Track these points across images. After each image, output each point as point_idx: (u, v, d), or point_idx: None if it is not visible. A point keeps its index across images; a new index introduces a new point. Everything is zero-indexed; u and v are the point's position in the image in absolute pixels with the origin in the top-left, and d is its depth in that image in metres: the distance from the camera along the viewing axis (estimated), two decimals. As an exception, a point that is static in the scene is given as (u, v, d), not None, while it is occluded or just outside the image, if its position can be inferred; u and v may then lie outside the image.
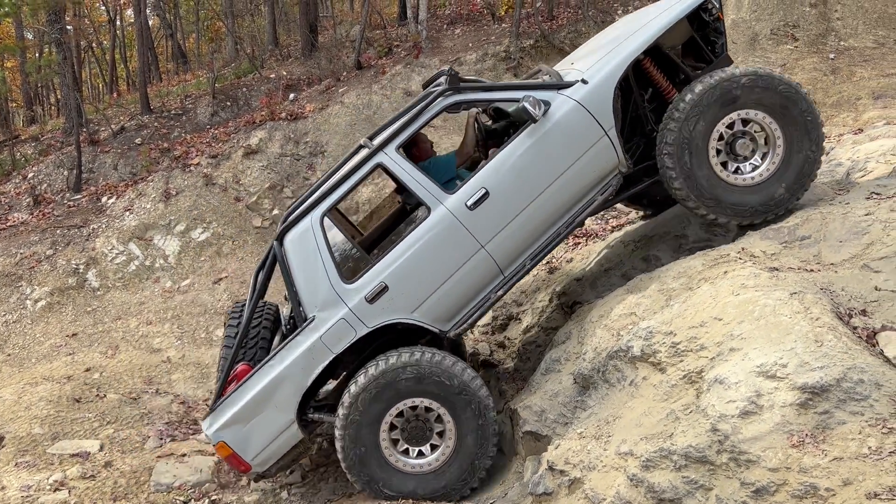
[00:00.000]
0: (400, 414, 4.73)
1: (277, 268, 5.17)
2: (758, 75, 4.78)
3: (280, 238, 4.92)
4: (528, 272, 5.06)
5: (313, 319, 4.78)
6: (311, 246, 4.81)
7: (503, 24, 12.92)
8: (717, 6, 5.29)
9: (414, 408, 4.74)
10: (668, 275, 4.92)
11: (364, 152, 5.04)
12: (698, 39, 5.39)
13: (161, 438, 6.69)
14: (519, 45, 11.71)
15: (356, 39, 13.25)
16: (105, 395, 7.37)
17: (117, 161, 11.95)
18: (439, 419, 4.77)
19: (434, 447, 4.79)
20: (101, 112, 13.80)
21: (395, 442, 4.78)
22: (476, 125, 6.07)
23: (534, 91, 4.88)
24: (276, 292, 7.48)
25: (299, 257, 4.82)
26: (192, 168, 11.30)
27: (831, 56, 9.61)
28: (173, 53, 23.73)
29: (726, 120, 4.80)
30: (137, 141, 12.48)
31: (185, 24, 26.62)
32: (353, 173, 4.93)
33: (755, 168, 4.88)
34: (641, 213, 6.95)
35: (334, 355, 4.78)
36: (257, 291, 5.19)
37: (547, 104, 4.84)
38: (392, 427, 4.75)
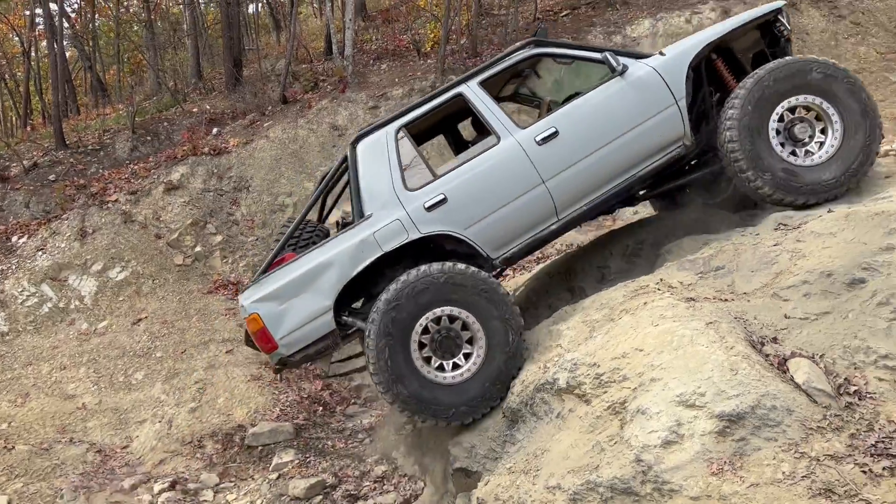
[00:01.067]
0: (436, 320, 4.77)
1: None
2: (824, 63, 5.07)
3: (354, 143, 5.23)
4: (579, 222, 5.29)
5: (370, 216, 5.00)
6: (381, 152, 5.12)
7: (429, 60, 13.10)
8: (788, 29, 5.58)
9: (446, 318, 4.78)
10: (591, 306, 5.01)
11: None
12: (767, 53, 5.64)
13: (75, 491, 6.33)
14: (444, 80, 11.88)
15: (282, 73, 13.17)
16: (13, 447, 6.95)
17: (29, 198, 11.44)
18: (469, 329, 4.82)
19: (467, 356, 4.82)
20: (12, 147, 13.22)
21: (423, 347, 4.78)
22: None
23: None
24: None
25: (368, 161, 5.12)
26: (109, 205, 10.92)
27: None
28: (92, 86, 23.03)
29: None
30: (51, 177, 12.00)
31: (105, 56, 25.93)
32: (433, 98, 5.30)
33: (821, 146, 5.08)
34: (658, 209, 7.12)
35: (383, 252, 4.93)
36: (319, 189, 5.56)
37: (625, 67, 5.16)
38: (425, 331, 4.77)
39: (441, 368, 4.80)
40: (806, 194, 5.04)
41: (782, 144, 5.08)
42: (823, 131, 5.08)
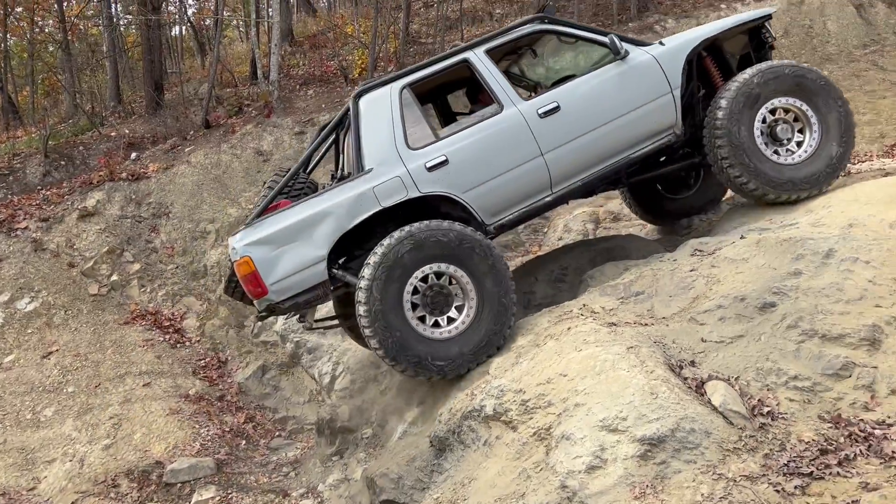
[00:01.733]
0: (424, 279, 4.79)
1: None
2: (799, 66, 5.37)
3: (357, 96, 5.20)
4: (569, 198, 5.44)
5: (370, 170, 5.01)
6: (385, 108, 5.14)
7: (356, 86, 13.12)
8: (773, 36, 5.88)
9: (438, 275, 4.82)
10: (516, 332, 5.05)
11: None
12: (752, 57, 5.90)
13: (-27, 540, 5.89)
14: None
15: (205, 98, 12.91)
16: None
17: (-71, 225, 10.76)
18: (460, 286, 4.86)
19: (459, 310, 4.86)
20: (-90, 171, 12.42)
21: (415, 306, 4.79)
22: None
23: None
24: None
25: (371, 116, 5.12)
26: (18, 233, 10.38)
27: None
28: (3, 108, 21.99)
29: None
30: (-46, 203, 11.33)
31: (17, 76, 24.84)
32: (438, 62, 5.33)
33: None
34: (648, 223, 7.30)
35: (381, 208, 4.93)
36: (318, 140, 5.55)
37: (627, 52, 5.33)
38: (415, 291, 4.79)
39: (436, 325, 4.83)
40: (788, 190, 5.26)
41: (766, 143, 5.31)
42: (802, 132, 5.35)
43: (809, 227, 4.81)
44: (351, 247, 5.17)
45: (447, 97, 6.73)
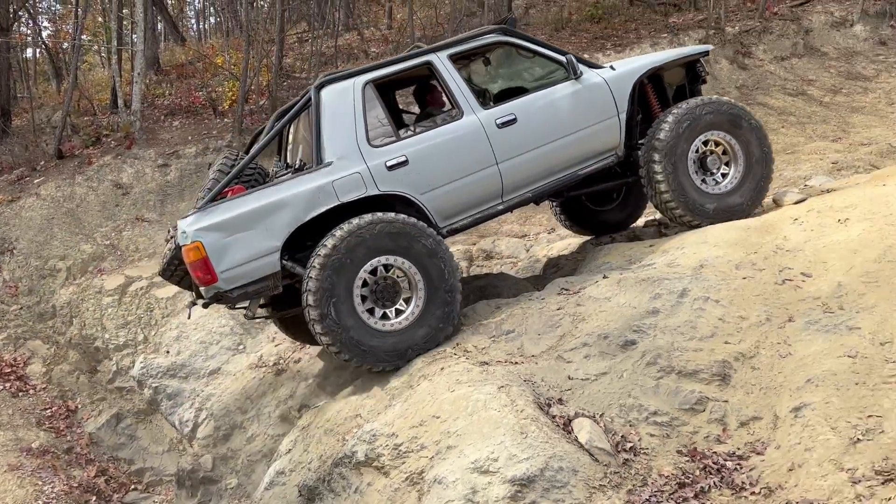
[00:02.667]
0: (373, 272, 4.81)
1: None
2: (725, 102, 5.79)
3: (319, 87, 5.14)
4: (516, 207, 5.57)
5: (331, 164, 4.99)
6: (347, 103, 5.11)
7: (226, 119, 12.70)
8: (706, 72, 6.29)
9: (387, 267, 4.84)
10: (391, 373, 4.98)
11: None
12: (687, 89, 6.24)
13: None
14: (242, 140, 11.55)
15: (58, 125, 12.06)
16: None
17: None
18: (408, 278, 4.90)
19: (407, 302, 4.90)
20: None
21: (364, 299, 4.80)
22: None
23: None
24: None
25: (333, 108, 5.09)
26: None
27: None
28: None
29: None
30: None
31: None
32: (402, 62, 5.41)
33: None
34: (586, 236, 7.43)
35: (339, 203, 4.91)
36: (271, 134, 5.40)
37: (581, 73, 5.57)
38: (364, 283, 4.80)
39: (385, 317, 4.85)
40: (710, 218, 5.62)
41: (696, 171, 5.67)
42: (728, 164, 5.76)
43: (665, 267, 5.10)
44: (299, 239, 5.04)
45: (394, 96, 6.67)
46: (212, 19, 28.95)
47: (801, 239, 4.94)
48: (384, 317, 4.87)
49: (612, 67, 5.85)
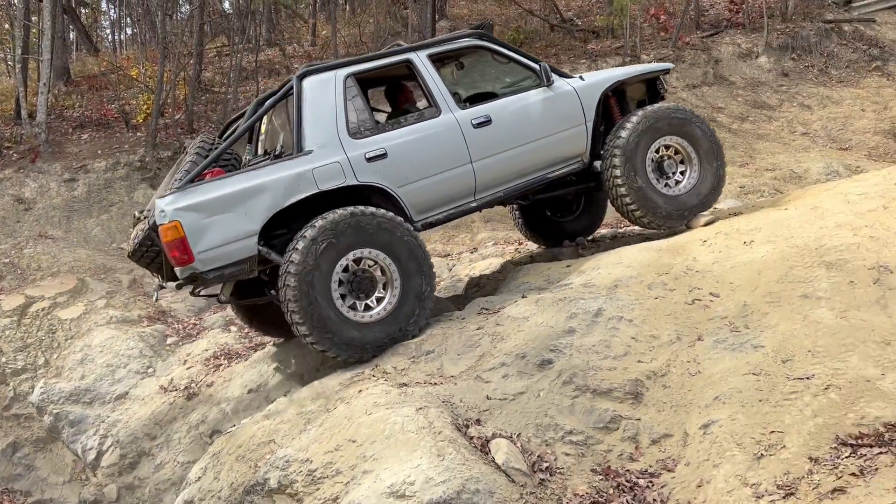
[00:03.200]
0: (351, 263, 4.90)
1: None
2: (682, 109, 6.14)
3: (301, 77, 5.21)
4: (488, 206, 5.77)
5: (311, 152, 5.06)
6: (329, 93, 5.20)
7: (139, 133, 12.26)
8: (665, 89, 6.64)
9: (362, 260, 4.94)
10: (306, 397, 4.86)
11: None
12: (647, 104, 6.41)
13: None
14: (156, 155, 11.18)
15: (-45, 136, 11.38)
16: None
17: None
18: (385, 272, 5.00)
19: (380, 299, 4.99)
20: None
21: (342, 289, 4.88)
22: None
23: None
24: None
25: (315, 99, 5.16)
26: None
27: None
28: None
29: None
30: None
31: None
32: (384, 57, 5.58)
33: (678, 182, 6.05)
34: (543, 245, 7.55)
35: (318, 190, 4.98)
36: (252, 119, 5.43)
37: (553, 81, 5.80)
38: (343, 274, 4.87)
39: (357, 308, 4.94)
40: (668, 219, 5.93)
41: (654, 173, 5.93)
42: (683, 167, 6.04)
43: (582, 287, 5.18)
44: (275, 226, 5.05)
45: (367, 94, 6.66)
46: (128, 30, 28.06)
47: (710, 260, 5.12)
48: (358, 308, 4.95)
49: (581, 78, 6.15)
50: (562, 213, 7.29)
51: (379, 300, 5.00)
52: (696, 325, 4.53)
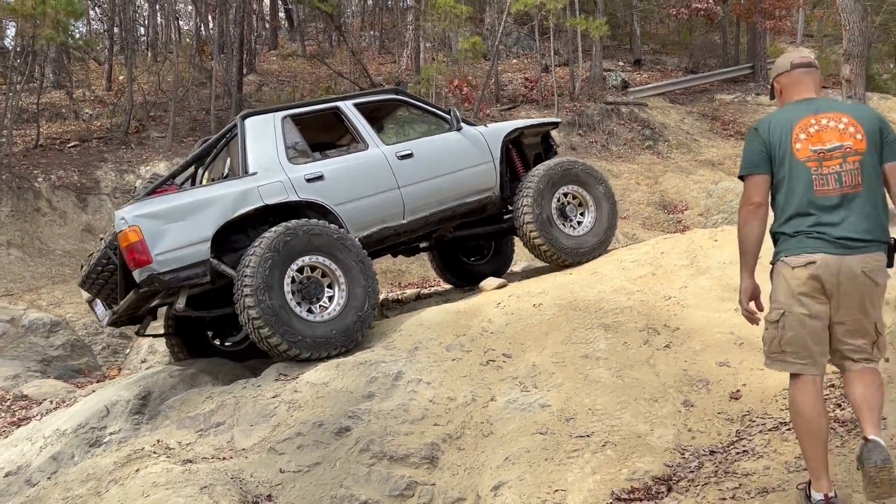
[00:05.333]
0: (300, 270, 5.40)
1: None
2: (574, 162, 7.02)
3: (244, 117, 5.93)
4: (420, 230, 6.43)
5: (255, 174, 5.68)
6: (269, 128, 5.91)
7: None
8: (556, 144, 7.59)
9: (311, 268, 5.45)
10: (74, 479, 4.33)
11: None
12: (543, 156, 7.29)
13: None
14: None
15: None
16: None
17: None
18: (333, 276, 5.52)
19: (330, 299, 5.50)
20: None
21: (293, 292, 5.36)
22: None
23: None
24: None
25: (256, 133, 5.86)
26: None
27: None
28: None
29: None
30: None
31: None
32: (316, 104, 6.47)
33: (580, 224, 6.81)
34: (447, 283, 8.21)
35: (263, 204, 5.57)
36: (194, 154, 6.30)
37: (462, 126, 6.68)
38: (293, 280, 5.37)
39: (311, 311, 5.40)
40: (575, 255, 6.57)
41: (559, 219, 6.67)
42: (582, 212, 6.83)
43: (383, 349, 5.18)
44: (225, 243, 5.55)
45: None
46: None
47: (503, 322, 5.34)
48: (311, 310, 5.41)
49: (485, 125, 7.17)
50: (474, 258, 8.09)
51: (327, 303, 5.49)
52: (490, 385, 4.67)
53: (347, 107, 6.38)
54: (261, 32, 24.24)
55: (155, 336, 6.59)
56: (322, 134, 6.99)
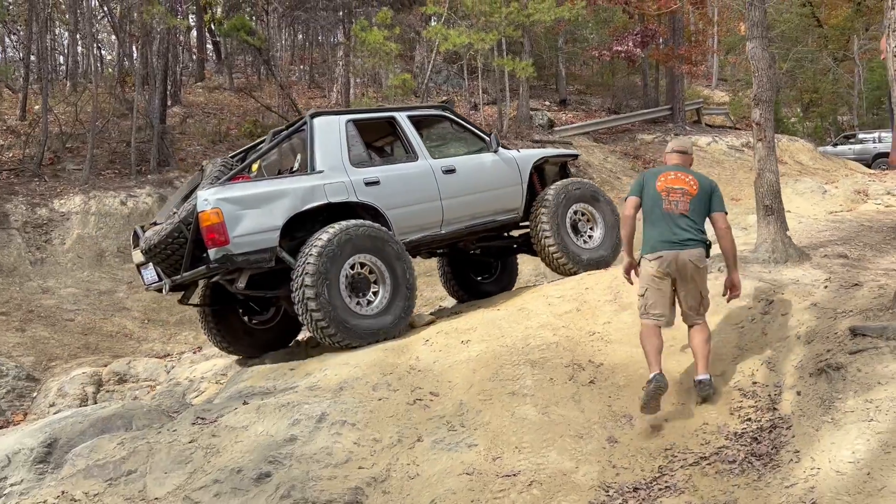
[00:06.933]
0: (353, 266, 5.88)
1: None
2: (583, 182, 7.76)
3: (313, 116, 6.42)
4: (454, 239, 7.08)
5: (322, 172, 6.17)
6: (335, 130, 6.40)
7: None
8: (572, 173, 8.19)
9: (362, 265, 5.96)
10: (-33, 538, 4.00)
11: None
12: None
13: None
14: None
15: None
16: None
17: None
18: (377, 275, 6.05)
19: (375, 294, 6.04)
20: None
21: (346, 289, 5.84)
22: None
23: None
24: None
25: (323, 134, 6.34)
26: None
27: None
28: None
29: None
30: None
31: None
32: (375, 112, 7.35)
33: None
34: (455, 298, 8.59)
35: (327, 201, 6.06)
36: (270, 145, 6.67)
37: (499, 148, 7.30)
38: (346, 276, 5.83)
39: (360, 304, 5.92)
40: (585, 265, 7.05)
41: (572, 232, 7.26)
42: (592, 227, 7.46)
43: (307, 390, 5.03)
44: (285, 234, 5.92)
45: None
46: None
47: (431, 359, 5.29)
48: (359, 304, 5.90)
49: (518, 150, 7.88)
50: (483, 276, 8.62)
51: (373, 298, 5.99)
52: (417, 425, 4.59)
53: (402, 118, 6.95)
54: (187, 64, 23.79)
55: (194, 306, 6.94)
56: (374, 139, 7.50)
